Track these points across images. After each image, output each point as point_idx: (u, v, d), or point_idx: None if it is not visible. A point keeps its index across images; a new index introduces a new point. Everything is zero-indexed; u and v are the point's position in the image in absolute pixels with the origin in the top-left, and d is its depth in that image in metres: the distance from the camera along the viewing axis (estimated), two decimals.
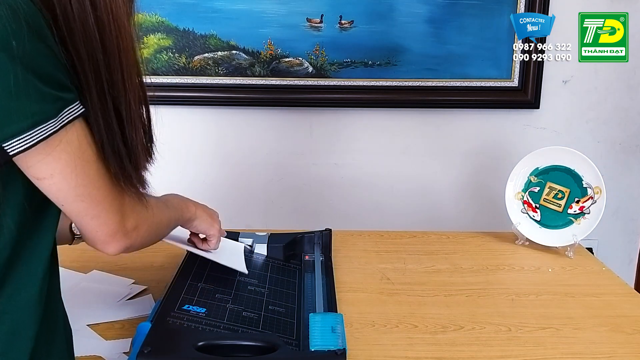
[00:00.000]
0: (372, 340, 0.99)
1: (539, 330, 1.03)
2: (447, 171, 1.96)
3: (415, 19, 1.78)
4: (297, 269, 1.19)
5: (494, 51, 1.82)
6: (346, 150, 1.93)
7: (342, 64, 1.82)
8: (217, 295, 1.01)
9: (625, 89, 1.91)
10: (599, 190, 1.34)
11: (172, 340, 0.86)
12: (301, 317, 0.99)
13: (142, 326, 0.88)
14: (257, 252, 1.22)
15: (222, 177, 1.93)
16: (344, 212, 1.95)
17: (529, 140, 1.89)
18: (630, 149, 1.96)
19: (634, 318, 1.08)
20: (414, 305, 1.11)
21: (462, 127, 1.92)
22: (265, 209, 1.96)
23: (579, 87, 1.90)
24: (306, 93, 1.83)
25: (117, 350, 0.94)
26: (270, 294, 1.06)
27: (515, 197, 1.42)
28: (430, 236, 1.45)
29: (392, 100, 1.85)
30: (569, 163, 1.37)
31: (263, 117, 1.88)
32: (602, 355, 0.97)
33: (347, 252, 1.33)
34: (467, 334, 1.02)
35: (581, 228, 1.35)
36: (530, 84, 1.84)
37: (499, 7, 1.79)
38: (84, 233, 0.75)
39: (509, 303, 1.13)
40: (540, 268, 1.29)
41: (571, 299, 1.15)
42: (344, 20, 1.78)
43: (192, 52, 1.79)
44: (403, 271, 1.26)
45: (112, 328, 1.01)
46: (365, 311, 1.08)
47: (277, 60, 1.81)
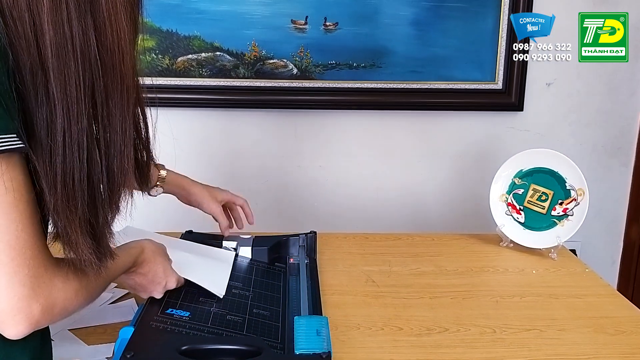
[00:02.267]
0: (358, 343, 0.99)
1: (523, 332, 1.04)
2: (431, 173, 1.96)
3: (400, 21, 1.79)
4: (281, 272, 1.18)
5: (478, 54, 1.83)
6: (331, 153, 1.92)
7: (326, 66, 1.82)
8: (201, 299, 1.00)
9: (606, 92, 1.93)
10: (582, 192, 1.35)
11: (155, 344, 0.85)
12: (286, 320, 0.99)
13: (125, 330, 0.87)
14: (242, 255, 1.21)
15: (206, 179, 1.90)
16: (328, 215, 1.94)
17: (513, 143, 1.90)
18: (612, 151, 1.99)
19: (617, 319, 1.09)
20: (399, 307, 1.11)
21: (447, 130, 1.93)
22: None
23: (561, 90, 1.91)
24: (291, 95, 1.83)
25: (99, 356, 0.93)
26: (254, 297, 1.05)
27: (500, 199, 1.43)
28: (415, 238, 1.45)
29: (377, 103, 1.85)
30: (553, 165, 1.38)
31: (247, 119, 1.87)
32: (586, 355, 0.97)
33: (332, 255, 1.32)
34: (452, 335, 1.02)
35: (564, 230, 1.36)
36: (514, 86, 1.86)
37: (483, 10, 1.80)
38: None
39: (494, 305, 1.14)
40: (524, 270, 1.30)
41: (555, 300, 1.16)
42: (328, 22, 1.78)
43: (176, 54, 1.78)
44: (388, 273, 1.26)
45: (94, 333, 1.00)
46: (351, 314, 1.08)
47: (261, 61, 1.80)
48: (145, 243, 0.93)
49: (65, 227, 0.65)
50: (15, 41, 0.60)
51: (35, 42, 0.60)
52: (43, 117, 0.62)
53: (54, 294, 0.65)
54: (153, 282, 0.94)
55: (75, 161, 0.63)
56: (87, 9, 0.62)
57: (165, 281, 0.95)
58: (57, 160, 0.62)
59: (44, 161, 0.63)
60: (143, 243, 0.93)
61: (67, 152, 0.63)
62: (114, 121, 0.66)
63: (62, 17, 0.60)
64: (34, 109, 0.62)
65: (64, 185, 0.63)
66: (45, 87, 0.61)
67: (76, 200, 0.64)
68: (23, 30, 0.60)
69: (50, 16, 0.60)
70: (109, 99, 0.65)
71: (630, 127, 1.97)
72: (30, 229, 0.63)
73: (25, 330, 0.64)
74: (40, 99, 0.62)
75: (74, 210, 0.64)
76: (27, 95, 0.62)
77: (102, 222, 0.69)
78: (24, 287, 0.62)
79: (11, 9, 0.59)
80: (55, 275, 0.66)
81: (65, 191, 0.63)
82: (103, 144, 0.66)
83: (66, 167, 0.63)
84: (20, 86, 0.61)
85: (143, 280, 0.93)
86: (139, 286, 0.94)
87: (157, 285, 0.95)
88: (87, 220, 0.66)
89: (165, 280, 0.95)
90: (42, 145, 0.62)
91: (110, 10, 0.64)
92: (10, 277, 0.61)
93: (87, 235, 0.66)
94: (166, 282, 0.95)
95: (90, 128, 0.64)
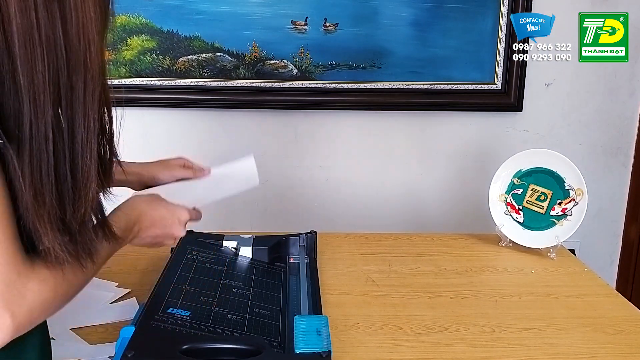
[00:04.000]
0: (357, 342, 0.99)
1: (523, 331, 1.04)
2: (431, 173, 1.97)
3: (400, 22, 1.79)
4: (282, 272, 1.18)
5: (478, 54, 1.84)
6: (331, 153, 1.93)
7: (326, 67, 1.82)
8: (202, 298, 1.00)
9: (606, 92, 1.93)
10: (580, 192, 1.36)
11: (156, 343, 0.85)
12: (286, 319, 0.99)
13: (126, 330, 0.87)
14: (242, 255, 1.22)
15: None
16: (328, 215, 1.95)
17: (512, 143, 1.91)
18: (611, 152, 1.99)
19: (616, 318, 1.09)
20: (398, 307, 1.12)
21: (446, 130, 1.93)
22: (250, 212, 1.95)
23: (561, 90, 1.92)
24: (291, 95, 1.83)
25: (100, 355, 0.93)
26: (255, 297, 1.05)
27: (499, 199, 1.43)
28: (414, 238, 1.45)
29: (377, 103, 1.85)
30: (551, 165, 1.39)
31: (247, 119, 1.88)
32: (585, 355, 0.98)
33: (332, 255, 1.33)
34: (452, 335, 1.02)
35: (563, 229, 1.36)
36: (513, 86, 1.86)
37: (482, 11, 1.80)
38: None
39: (493, 304, 1.14)
40: (523, 269, 1.30)
41: (554, 300, 1.16)
42: (328, 23, 1.79)
43: (177, 54, 1.79)
44: (388, 273, 1.26)
45: (96, 332, 1.01)
46: (350, 313, 1.08)
47: (261, 62, 1.80)
48: (131, 200, 0.90)
49: (34, 222, 0.62)
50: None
51: (2, 30, 0.58)
52: (10, 107, 0.60)
53: (29, 299, 0.63)
54: (165, 225, 0.93)
55: (42, 153, 0.61)
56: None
57: (177, 217, 0.94)
58: (24, 153, 0.61)
59: (9, 155, 0.61)
60: (129, 201, 0.90)
61: (34, 143, 0.61)
62: (78, 113, 0.64)
63: (29, 3, 0.59)
64: (1, 100, 0.60)
65: (32, 178, 0.61)
66: (12, 76, 0.60)
67: (44, 194, 0.62)
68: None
69: (16, 3, 0.58)
70: (73, 90, 0.63)
71: (630, 127, 1.97)
72: (2, 229, 0.60)
73: (2, 340, 0.62)
74: (7, 88, 0.60)
75: (42, 205, 0.62)
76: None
77: (73, 218, 0.66)
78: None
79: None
80: (30, 278, 0.64)
81: (33, 184, 0.61)
82: (68, 137, 0.64)
83: (33, 159, 0.61)
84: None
85: (155, 231, 0.91)
86: (157, 239, 0.93)
87: (172, 226, 0.94)
88: (56, 215, 0.64)
89: (176, 216, 0.94)
90: (11, 137, 0.61)
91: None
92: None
93: (56, 231, 0.64)
94: (178, 217, 0.94)
95: (56, 119, 0.62)
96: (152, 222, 0.91)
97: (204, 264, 1.13)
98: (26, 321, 0.64)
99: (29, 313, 0.63)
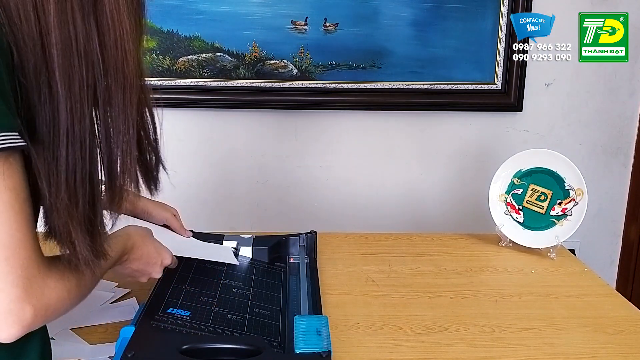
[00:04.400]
0: (357, 342, 0.99)
1: (523, 331, 1.04)
2: (431, 173, 1.97)
3: (400, 22, 1.79)
4: (282, 272, 1.18)
5: (478, 54, 1.84)
6: (331, 153, 1.93)
7: (326, 67, 1.82)
8: (202, 298, 1.00)
9: (606, 92, 1.93)
10: (580, 192, 1.36)
11: (156, 343, 0.85)
12: (286, 319, 0.99)
13: (126, 330, 0.87)
14: (242, 255, 1.22)
15: (206, 179, 1.92)
16: (328, 215, 1.95)
17: (512, 143, 1.91)
18: (611, 151, 1.99)
19: (616, 318, 1.09)
20: (398, 307, 1.12)
21: (446, 130, 1.93)
22: (250, 212, 1.95)
23: (561, 90, 1.92)
24: (291, 95, 1.83)
25: (100, 355, 0.93)
26: (255, 297, 1.05)
27: (499, 199, 1.43)
28: (414, 238, 1.45)
29: (377, 103, 1.85)
30: (551, 165, 1.39)
31: (248, 119, 1.88)
32: (585, 355, 0.98)
33: (332, 255, 1.33)
34: (452, 335, 1.02)
35: (563, 229, 1.36)
36: (513, 86, 1.86)
37: (482, 11, 1.80)
38: None
39: (493, 304, 1.14)
40: (523, 269, 1.30)
41: (554, 300, 1.16)
42: (328, 23, 1.79)
43: (177, 54, 1.79)
44: (388, 273, 1.26)
45: (96, 332, 1.01)
46: (350, 313, 1.08)
47: (261, 62, 1.81)
48: (129, 229, 0.92)
49: (66, 225, 0.64)
50: (20, 40, 0.60)
51: (40, 42, 0.61)
52: (46, 116, 0.62)
53: (47, 295, 0.64)
54: (149, 263, 0.94)
55: (78, 159, 0.63)
56: (90, 9, 0.63)
57: (161, 259, 0.96)
58: (60, 159, 0.63)
59: (45, 159, 0.63)
60: (127, 229, 0.92)
61: (69, 150, 0.63)
62: (116, 121, 0.67)
63: (68, 17, 0.61)
64: (37, 107, 0.62)
65: (67, 183, 0.63)
66: (48, 86, 0.62)
67: (77, 198, 0.64)
68: (29, 29, 0.60)
69: (56, 16, 0.60)
70: (111, 99, 0.66)
71: (630, 127, 1.98)
72: (25, 228, 0.62)
73: (17, 333, 0.63)
74: (43, 98, 0.62)
75: (76, 209, 0.64)
76: (31, 93, 0.62)
77: (99, 221, 0.69)
78: (16, 288, 0.61)
79: (17, 7, 0.60)
80: (48, 275, 0.65)
81: (68, 189, 0.63)
82: (105, 143, 0.67)
83: (69, 165, 0.63)
84: (23, 84, 0.62)
85: (139, 265, 0.93)
86: (136, 272, 0.94)
87: (154, 265, 0.95)
88: (87, 218, 0.66)
89: (160, 258, 0.96)
90: (45, 144, 0.63)
91: (114, 10, 0.64)
92: (4, 277, 0.60)
93: (86, 234, 0.66)
94: (161, 259, 0.96)
95: (92, 127, 0.65)
96: (139, 256, 0.92)
97: (204, 264, 1.13)
98: (42, 316, 0.64)
99: (45, 309, 0.64)
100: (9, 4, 0.60)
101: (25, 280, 0.61)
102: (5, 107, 0.59)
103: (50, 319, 0.67)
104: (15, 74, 0.61)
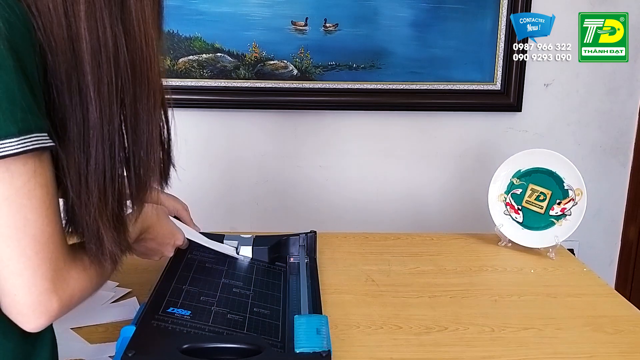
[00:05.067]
0: (357, 342, 0.99)
1: (522, 331, 1.04)
2: (430, 173, 1.97)
3: (400, 22, 1.80)
4: (282, 271, 1.19)
5: (477, 54, 1.84)
6: (331, 153, 1.93)
7: (326, 67, 1.82)
8: (202, 298, 1.01)
9: (605, 92, 1.94)
10: (580, 192, 1.36)
11: (157, 343, 0.86)
12: (286, 319, 0.99)
13: (126, 329, 0.87)
14: (242, 255, 1.22)
15: (206, 179, 1.93)
16: (328, 214, 1.95)
17: (511, 143, 1.91)
18: (610, 152, 1.99)
19: (615, 318, 1.09)
20: (398, 306, 1.12)
21: (446, 130, 1.94)
22: (250, 211, 1.96)
23: (560, 90, 1.92)
24: (291, 96, 1.83)
25: (101, 354, 0.93)
26: (255, 296, 1.06)
27: (498, 199, 1.43)
28: (414, 238, 1.45)
29: (377, 103, 1.86)
30: (551, 165, 1.39)
31: (248, 119, 1.88)
32: (584, 354, 0.98)
33: (332, 254, 1.33)
34: (451, 334, 1.03)
35: (563, 229, 1.37)
36: (512, 87, 1.86)
37: (482, 11, 1.81)
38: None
39: (492, 304, 1.14)
40: (523, 269, 1.30)
41: (553, 300, 1.17)
42: (328, 24, 1.79)
43: (177, 55, 1.79)
44: (387, 273, 1.26)
45: (96, 331, 1.01)
46: (350, 313, 1.09)
47: (262, 62, 1.81)
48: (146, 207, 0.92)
49: (95, 222, 0.67)
50: (53, 45, 0.63)
51: (71, 47, 0.63)
52: (77, 117, 0.65)
53: (72, 285, 0.68)
54: (162, 243, 1.00)
55: (107, 159, 0.67)
56: (118, 16, 0.66)
57: (174, 240, 1.02)
58: (90, 159, 0.66)
59: (75, 159, 0.65)
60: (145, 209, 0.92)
61: (99, 150, 0.66)
62: (142, 122, 0.70)
63: (98, 24, 0.64)
64: (68, 109, 0.65)
65: (97, 182, 0.66)
66: (79, 89, 0.64)
67: (107, 196, 0.67)
68: (60, 34, 0.63)
69: (86, 22, 0.63)
70: (137, 101, 0.69)
71: (629, 127, 1.98)
72: (54, 223, 0.65)
73: (44, 323, 0.66)
74: (74, 100, 0.65)
75: (105, 206, 0.68)
76: (62, 95, 0.64)
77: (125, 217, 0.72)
78: (46, 280, 0.64)
79: (51, 14, 0.62)
80: (72, 266, 0.68)
81: (97, 187, 0.66)
82: (132, 143, 0.70)
83: (99, 165, 0.66)
84: (57, 86, 0.64)
85: (153, 244, 0.98)
86: (150, 250, 0.99)
87: (167, 245, 1.01)
88: (115, 214, 0.69)
89: (174, 239, 1.02)
90: (74, 144, 0.65)
91: (140, 18, 0.68)
92: (34, 270, 0.63)
93: (113, 229, 0.69)
94: (174, 240, 1.02)
95: (120, 128, 0.68)
96: (154, 236, 0.98)
97: (204, 263, 1.14)
98: (66, 306, 0.68)
99: (70, 299, 0.68)
100: (43, 10, 0.62)
101: (53, 273, 0.65)
102: (38, 110, 0.62)
103: (72, 308, 0.70)
104: (48, 77, 0.64)
